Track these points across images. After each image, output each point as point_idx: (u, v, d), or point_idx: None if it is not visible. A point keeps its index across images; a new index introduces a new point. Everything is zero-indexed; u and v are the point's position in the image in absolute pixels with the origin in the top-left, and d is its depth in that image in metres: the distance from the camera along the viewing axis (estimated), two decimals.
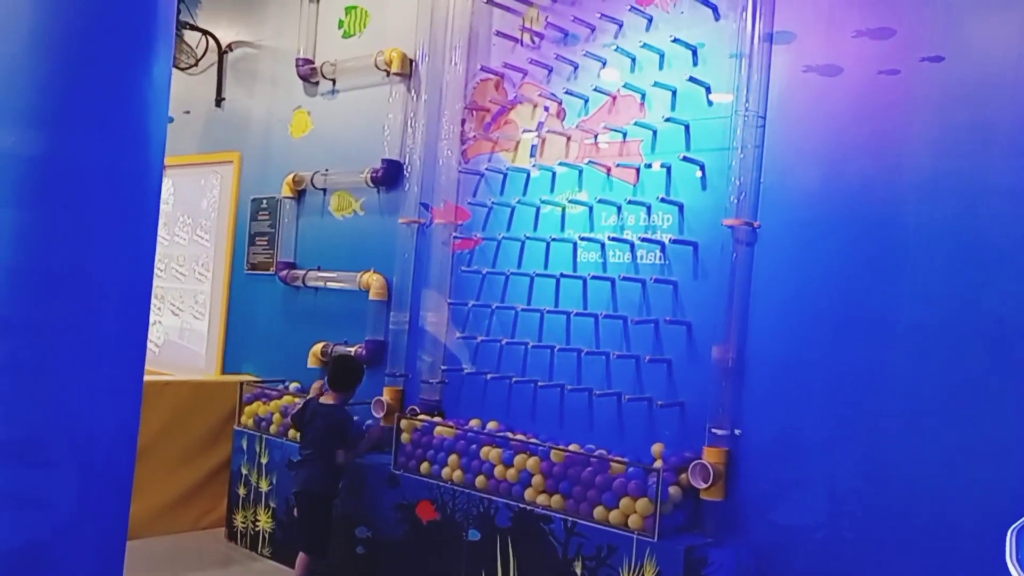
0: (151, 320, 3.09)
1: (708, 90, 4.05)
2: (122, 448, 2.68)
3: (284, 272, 5.94)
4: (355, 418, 4.83)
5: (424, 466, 4.56)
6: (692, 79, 4.04)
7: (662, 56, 4.24)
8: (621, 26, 4.41)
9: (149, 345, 3.71)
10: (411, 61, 5.39)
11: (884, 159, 3.52)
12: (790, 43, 3.84)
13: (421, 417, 4.77)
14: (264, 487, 5.35)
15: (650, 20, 4.30)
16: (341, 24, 5.92)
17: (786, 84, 3.83)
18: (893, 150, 3.50)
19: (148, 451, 5.03)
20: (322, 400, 4.71)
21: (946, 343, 3.30)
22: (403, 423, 4.73)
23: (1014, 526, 2.54)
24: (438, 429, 4.60)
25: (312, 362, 5.61)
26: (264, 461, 5.35)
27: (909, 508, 3.33)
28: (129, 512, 2.80)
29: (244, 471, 5.47)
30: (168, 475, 5.53)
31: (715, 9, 4.07)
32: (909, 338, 3.40)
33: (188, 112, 6.88)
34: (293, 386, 5.68)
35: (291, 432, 5.06)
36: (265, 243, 6.21)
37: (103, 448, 2.60)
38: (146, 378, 2.91)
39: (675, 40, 4.11)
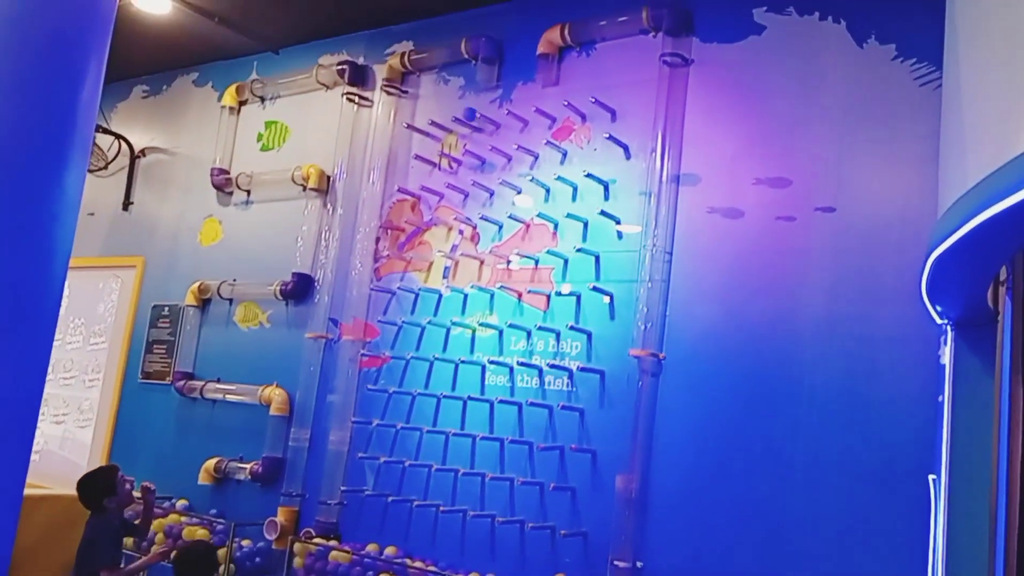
0: None
1: (618, 223, 4.21)
2: None
3: (181, 382, 5.72)
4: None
5: None
6: (603, 212, 4.21)
7: (575, 189, 4.41)
8: (537, 158, 4.58)
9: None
10: (328, 178, 5.44)
11: (781, 299, 3.70)
12: (695, 185, 4.05)
13: (316, 540, 4.58)
14: None
15: (565, 154, 4.49)
16: (260, 137, 5.96)
17: (691, 223, 4.02)
18: (789, 292, 3.69)
19: (21, 568, 4.64)
20: None
21: (840, 480, 3.41)
22: (296, 546, 4.53)
23: None
24: (333, 554, 4.42)
25: (204, 478, 5.35)
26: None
27: None
28: None
29: None
30: None
31: (626, 149, 4.28)
32: (805, 472, 3.49)
33: (92, 214, 6.71)
34: (180, 503, 5.40)
35: (175, 554, 4.76)
36: (163, 351, 5.99)
37: None
38: None
39: (588, 175, 4.29)
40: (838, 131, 3.71)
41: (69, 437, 6.48)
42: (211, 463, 5.37)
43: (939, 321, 2.92)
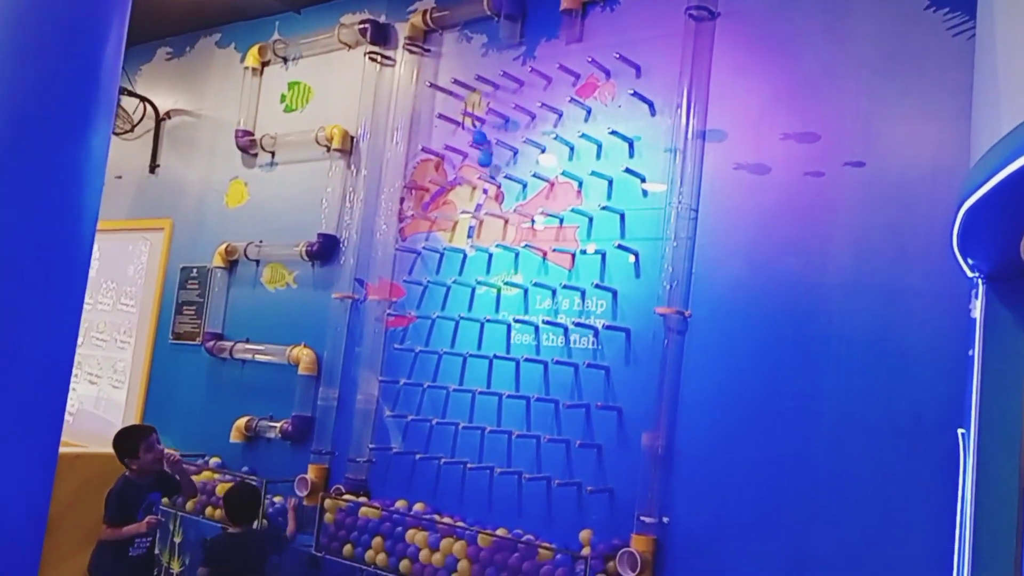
0: None
1: (643, 181, 4.18)
2: (30, 531, 2.55)
3: (211, 343, 5.80)
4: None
5: (347, 548, 4.44)
6: (628, 170, 4.17)
7: (599, 146, 4.37)
8: (561, 116, 4.54)
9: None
10: (352, 138, 5.44)
11: (809, 256, 3.67)
12: (722, 141, 4.00)
13: (346, 496, 4.65)
14: (176, 568, 5.12)
15: (589, 112, 4.45)
16: (283, 98, 5.96)
17: (717, 180, 3.98)
18: (817, 248, 3.65)
19: (55, 527, 4.73)
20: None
21: (868, 436, 3.40)
22: (327, 503, 4.61)
23: None
24: (363, 510, 4.50)
25: (235, 436, 5.45)
26: (178, 540, 5.13)
27: None
28: None
29: (156, 550, 5.22)
30: (75, 553, 5.21)
31: (651, 105, 4.23)
32: (832, 430, 3.48)
33: (120, 177, 6.77)
34: (213, 461, 5.50)
35: (208, 510, 4.87)
36: (192, 312, 6.07)
37: (10, 528, 2.46)
38: None
39: (612, 132, 4.25)
40: (868, 84, 3.64)
41: (104, 397, 6.61)
42: (242, 422, 5.47)
43: (970, 275, 2.88)
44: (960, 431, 2.88)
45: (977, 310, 2.82)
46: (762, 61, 3.95)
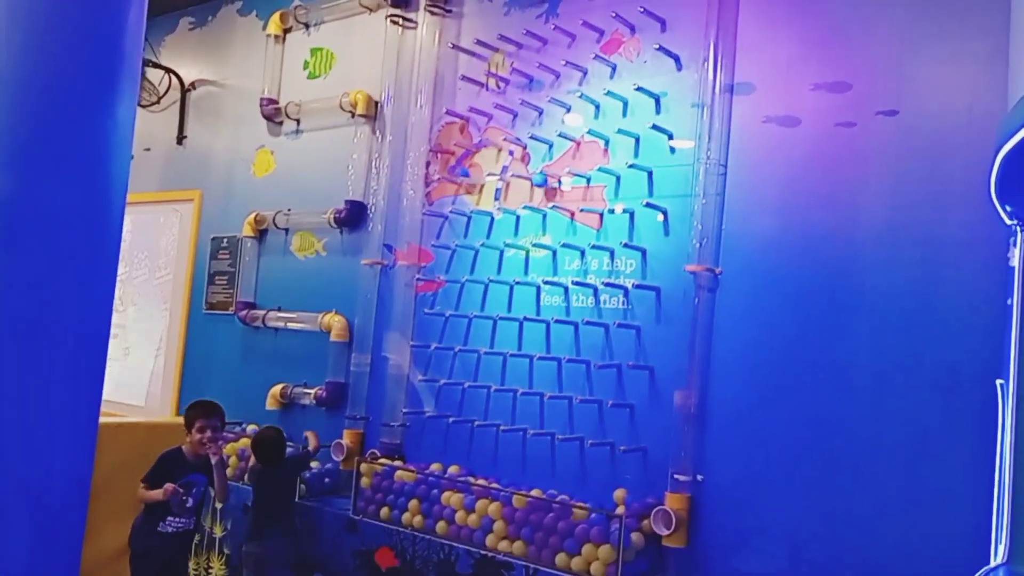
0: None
1: (670, 137, 4.12)
2: (75, 496, 2.61)
3: (244, 312, 5.86)
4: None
5: (384, 511, 4.49)
6: (655, 127, 4.11)
7: (626, 104, 4.31)
8: (586, 73, 4.48)
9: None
10: (376, 103, 5.41)
11: (841, 209, 3.60)
12: (750, 94, 3.92)
13: (381, 460, 4.71)
14: (218, 532, 5.22)
15: (614, 68, 4.38)
16: (306, 65, 5.93)
17: (746, 134, 3.91)
18: (850, 200, 3.58)
19: (98, 495, 4.85)
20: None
21: (903, 391, 3.36)
22: (363, 467, 4.67)
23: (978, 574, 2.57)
24: (398, 473, 4.54)
25: (271, 404, 5.52)
26: (219, 506, 5.23)
27: (869, 554, 3.35)
28: (80, 561, 2.71)
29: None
30: (118, 520, 5.32)
31: (677, 60, 4.15)
32: (867, 385, 3.45)
33: (149, 149, 6.82)
34: (250, 428, 5.58)
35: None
36: (225, 282, 6.13)
37: (57, 496, 2.52)
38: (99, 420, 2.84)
39: (638, 88, 4.18)
40: (900, 28, 3.54)
41: (142, 367, 6.71)
42: (276, 389, 5.53)
43: (1008, 222, 2.81)
44: (999, 382, 2.84)
45: (1016, 258, 2.76)
46: (790, 9, 3.86)
